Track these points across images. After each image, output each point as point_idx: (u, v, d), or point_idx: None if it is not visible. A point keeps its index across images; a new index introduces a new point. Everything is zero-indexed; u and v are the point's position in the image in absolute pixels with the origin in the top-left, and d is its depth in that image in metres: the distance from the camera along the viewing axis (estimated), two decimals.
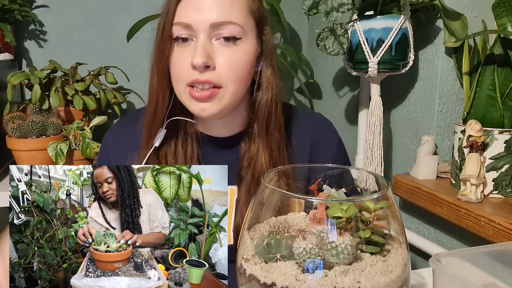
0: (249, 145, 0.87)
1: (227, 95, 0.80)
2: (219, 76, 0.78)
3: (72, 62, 1.49)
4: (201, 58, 0.76)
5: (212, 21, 0.76)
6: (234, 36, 0.78)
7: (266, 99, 0.84)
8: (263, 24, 0.84)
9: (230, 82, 0.79)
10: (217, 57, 0.78)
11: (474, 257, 0.70)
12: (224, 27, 0.77)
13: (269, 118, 0.85)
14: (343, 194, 0.59)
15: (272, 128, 0.85)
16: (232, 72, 0.79)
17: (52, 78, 1.42)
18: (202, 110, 0.80)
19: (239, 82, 0.80)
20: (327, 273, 0.49)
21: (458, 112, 1.27)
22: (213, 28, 0.77)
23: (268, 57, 0.84)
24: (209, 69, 0.78)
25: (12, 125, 1.25)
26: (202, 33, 0.77)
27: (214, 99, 0.79)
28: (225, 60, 0.78)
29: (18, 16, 1.44)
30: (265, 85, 0.84)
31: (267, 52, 0.84)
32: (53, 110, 1.33)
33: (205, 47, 0.77)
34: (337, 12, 1.19)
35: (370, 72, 1.22)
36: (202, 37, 0.77)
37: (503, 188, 1.08)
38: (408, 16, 1.18)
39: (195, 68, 0.77)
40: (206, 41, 0.77)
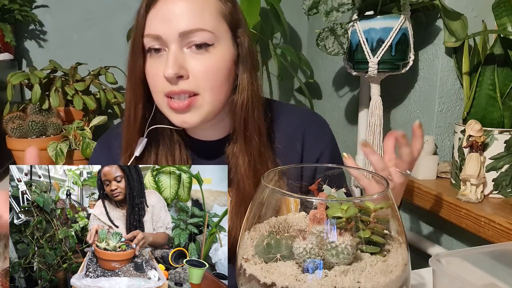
0: (232, 149, 0.85)
1: (206, 103, 0.78)
2: (195, 84, 0.77)
3: (72, 62, 1.49)
4: (172, 69, 0.74)
5: (180, 30, 0.75)
6: (205, 42, 0.76)
7: (241, 103, 0.82)
8: (237, 27, 0.82)
9: (207, 90, 0.78)
10: (190, 66, 0.76)
11: (474, 257, 0.70)
12: (194, 35, 0.76)
13: (246, 122, 0.82)
14: (343, 194, 0.59)
15: (250, 132, 0.83)
16: (207, 80, 0.77)
17: (52, 78, 1.42)
18: (183, 122, 0.79)
19: (216, 88, 0.79)
20: (327, 273, 0.49)
21: (458, 112, 1.27)
22: (182, 37, 0.75)
23: (244, 61, 0.82)
24: (182, 78, 0.76)
25: (12, 125, 1.25)
26: (173, 43, 0.76)
27: (193, 108, 0.78)
28: (199, 67, 0.77)
29: (18, 16, 1.44)
30: (240, 88, 0.82)
31: (243, 55, 0.82)
32: (53, 110, 1.33)
33: (176, 58, 0.75)
34: (337, 12, 1.19)
35: (370, 72, 1.22)
36: (173, 48, 0.76)
37: (503, 188, 1.08)
38: (408, 16, 1.18)
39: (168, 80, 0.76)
40: (177, 51, 0.76)
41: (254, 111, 0.83)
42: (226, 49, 0.79)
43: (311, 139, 0.92)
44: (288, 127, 0.91)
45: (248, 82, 0.82)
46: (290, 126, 0.91)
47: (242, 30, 0.82)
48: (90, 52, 1.61)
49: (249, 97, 0.82)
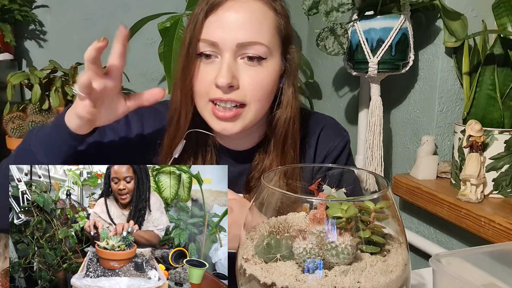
0: (263, 158, 0.86)
1: (250, 113, 0.79)
2: (243, 95, 0.78)
3: (72, 62, 1.49)
4: (226, 78, 0.75)
5: (239, 41, 0.75)
6: (259, 56, 0.77)
7: (285, 118, 0.83)
8: (289, 43, 0.83)
9: (254, 102, 0.78)
10: (241, 76, 0.77)
11: (474, 257, 0.70)
12: (250, 47, 0.76)
13: (286, 136, 0.84)
14: (343, 194, 0.59)
15: (288, 147, 0.85)
16: (256, 91, 0.78)
17: (52, 78, 1.42)
18: (223, 129, 0.80)
19: (263, 101, 0.80)
20: (327, 273, 0.49)
21: (458, 112, 1.27)
22: (239, 47, 0.76)
23: (291, 76, 0.83)
24: (233, 88, 0.77)
25: (12, 125, 1.25)
26: (228, 52, 0.76)
27: (237, 118, 0.79)
28: (250, 79, 0.77)
29: (18, 16, 1.44)
30: (284, 104, 0.83)
31: (291, 71, 0.83)
32: (53, 110, 1.33)
33: (230, 67, 0.76)
34: (337, 12, 1.19)
35: (370, 72, 1.22)
36: (227, 56, 0.76)
37: (503, 188, 1.08)
38: (408, 16, 1.18)
39: (218, 87, 0.76)
40: (231, 60, 0.76)
41: (294, 126, 0.84)
42: (276, 64, 0.80)
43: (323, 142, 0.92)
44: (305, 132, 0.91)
45: (293, 98, 0.83)
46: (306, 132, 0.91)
47: (293, 47, 0.84)
48: None
49: (293, 113, 0.84)
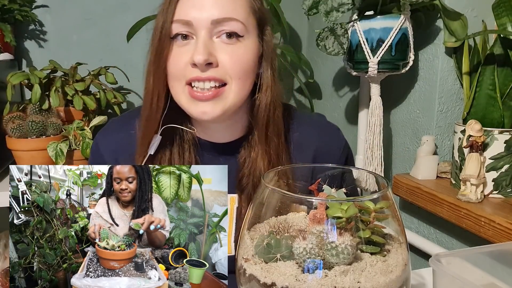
0: (249, 151, 0.84)
1: (232, 93, 0.77)
2: (223, 72, 0.76)
3: (72, 62, 1.49)
4: (203, 55, 0.73)
5: (213, 18, 0.75)
6: (236, 32, 0.76)
7: (265, 103, 0.81)
8: (264, 24, 0.82)
9: (235, 79, 0.76)
10: (219, 54, 0.76)
11: (474, 257, 0.70)
12: (225, 24, 0.75)
13: (267, 122, 0.82)
14: (343, 194, 0.59)
15: (270, 133, 0.83)
16: (237, 68, 0.76)
17: (52, 78, 1.42)
18: (203, 113, 0.77)
19: (244, 79, 0.78)
20: (327, 273, 0.49)
21: (458, 112, 1.27)
22: (214, 25, 0.75)
23: (268, 59, 0.82)
24: (211, 66, 0.75)
25: (12, 125, 1.25)
26: (203, 30, 0.75)
27: (217, 99, 0.76)
28: (228, 56, 0.76)
29: (18, 16, 1.44)
30: (264, 87, 0.81)
31: (268, 53, 0.82)
32: (53, 110, 1.33)
33: (206, 44, 0.75)
34: (337, 12, 1.19)
35: (370, 72, 1.22)
36: (202, 34, 0.75)
37: (503, 188, 1.08)
38: (408, 16, 1.18)
39: (195, 66, 0.75)
40: (207, 39, 0.75)
41: (276, 111, 0.83)
42: (253, 43, 0.80)
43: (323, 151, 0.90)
44: (302, 134, 0.90)
45: (272, 81, 0.82)
46: (303, 134, 0.90)
47: (268, 28, 0.83)
48: (90, 52, 1.61)
49: (273, 96, 0.82)
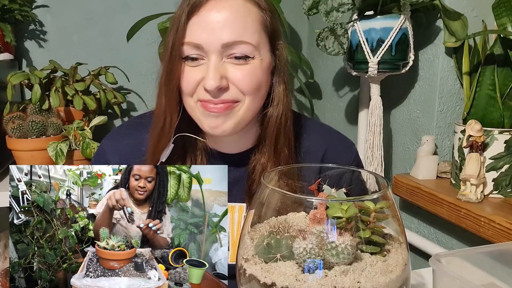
0: (259, 161, 0.85)
1: (244, 108, 0.78)
2: (235, 92, 0.76)
3: (72, 62, 1.49)
4: (214, 81, 0.73)
5: (224, 41, 0.74)
6: (246, 55, 0.76)
7: (277, 115, 0.82)
8: (276, 38, 0.82)
9: (248, 95, 0.77)
10: (230, 74, 0.76)
11: (474, 257, 0.70)
12: (236, 47, 0.75)
13: (278, 134, 0.83)
14: (343, 194, 0.59)
15: (281, 145, 0.83)
16: (248, 86, 0.77)
17: (52, 78, 1.42)
18: (215, 127, 0.78)
19: (256, 94, 0.78)
20: (327, 273, 0.49)
21: (458, 112, 1.27)
22: (224, 48, 0.74)
23: (281, 72, 0.82)
24: (222, 89, 0.76)
25: (12, 125, 1.25)
26: (213, 54, 0.74)
27: (229, 113, 0.77)
28: (241, 75, 0.76)
29: (18, 16, 1.44)
30: (275, 101, 0.82)
31: (280, 67, 0.82)
32: (53, 110, 1.33)
33: (218, 68, 0.74)
34: (337, 12, 1.19)
35: (370, 72, 1.22)
36: (213, 58, 0.75)
37: (503, 188, 1.08)
38: (408, 16, 1.18)
39: (207, 91, 0.75)
40: (218, 62, 0.75)
41: (287, 123, 0.83)
42: (265, 59, 0.79)
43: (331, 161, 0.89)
44: (311, 143, 0.90)
45: (283, 95, 0.82)
46: (312, 143, 0.90)
47: (281, 42, 0.83)
48: (90, 52, 1.61)
49: (284, 110, 0.82)
